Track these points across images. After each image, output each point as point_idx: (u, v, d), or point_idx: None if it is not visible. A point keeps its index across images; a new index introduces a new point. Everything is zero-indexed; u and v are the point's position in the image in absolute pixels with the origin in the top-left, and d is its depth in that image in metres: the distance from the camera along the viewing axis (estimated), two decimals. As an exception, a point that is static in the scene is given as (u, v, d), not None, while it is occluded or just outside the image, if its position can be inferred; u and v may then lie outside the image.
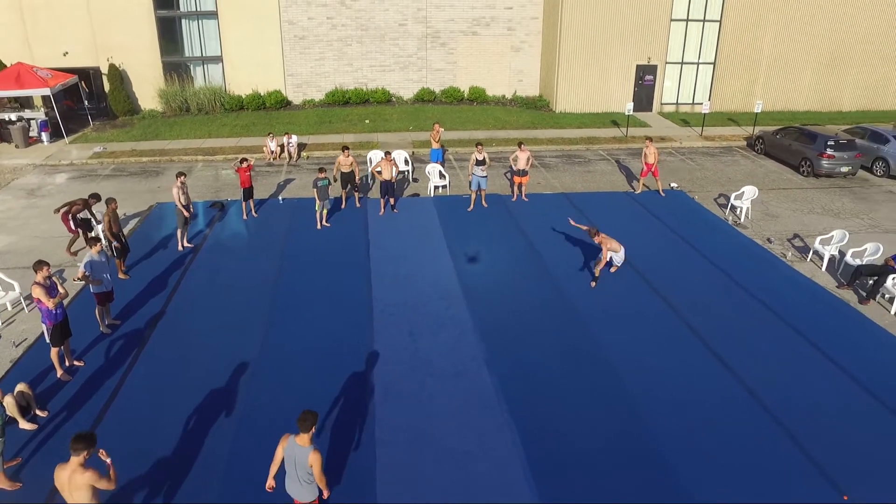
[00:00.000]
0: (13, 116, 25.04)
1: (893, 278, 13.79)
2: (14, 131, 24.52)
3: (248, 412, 9.77)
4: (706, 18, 30.65)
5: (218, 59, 29.50)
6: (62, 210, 15.09)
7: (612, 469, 8.83)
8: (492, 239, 16.27)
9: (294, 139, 22.86)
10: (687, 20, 30.51)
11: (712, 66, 31.55)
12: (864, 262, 14.78)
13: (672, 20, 30.24)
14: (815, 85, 32.76)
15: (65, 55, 28.09)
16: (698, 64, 31.50)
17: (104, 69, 28.39)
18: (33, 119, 25.38)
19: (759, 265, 15.28)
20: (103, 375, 10.67)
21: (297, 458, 6.85)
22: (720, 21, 30.68)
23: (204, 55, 29.56)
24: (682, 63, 31.32)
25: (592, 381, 10.72)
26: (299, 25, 29.40)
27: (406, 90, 31.39)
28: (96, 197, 15.27)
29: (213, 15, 28.79)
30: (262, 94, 29.46)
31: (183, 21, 29.10)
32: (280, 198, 18.81)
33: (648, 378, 10.82)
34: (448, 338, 11.84)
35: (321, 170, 16.44)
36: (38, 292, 10.05)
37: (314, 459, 6.81)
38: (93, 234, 16.09)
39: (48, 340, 10.61)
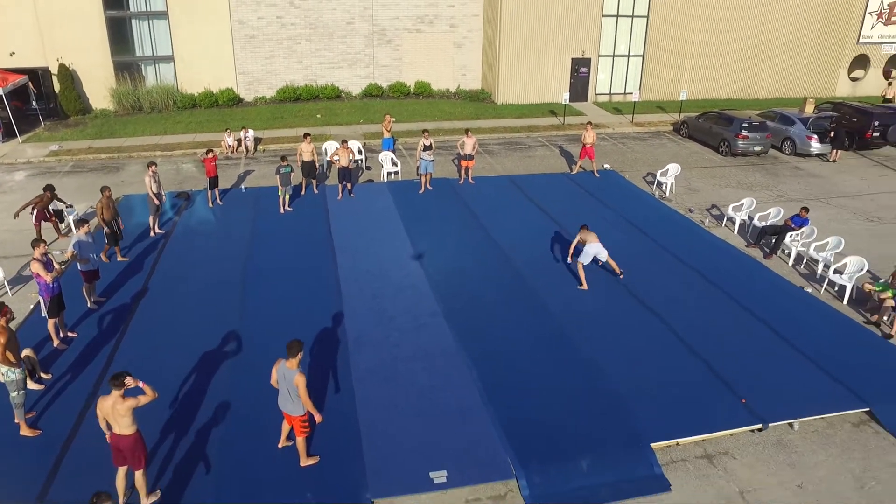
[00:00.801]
0: (-36, 118, 25.31)
1: (791, 236, 15.99)
2: (-33, 132, 24.82)
3: (237, 367, 11.08)
4: (635, 14, 32.88)
5: (169, 59, 30.16)
6: (27, 210, 15.68)
7: (558, 388, 10.53)
8: (442, 216, 17.83)
9: (251, 133, 23.95)
10: (617, 16, 32.66)
11: (641, 58, 33.83)
12: (767, 224, 16.93)
13: (604, 16, 32.35)
14: (736, 75, 35.50)
15: (11, 55, 28.28)
16: (629, 56, 33.73)
17: (54, 69, 28.68)
18: (-17, 119, 25.66)
19: (682, 231, 17.26)
20: (98, 343, 11.78)
21: (287, 377, 8.32)
22: (647, 16, 32.97)
23: (155, 55, 30.17)
24: (613, 56, 33.49)
25: (536, 325, 12.46)
26: (249, 25, 30.34)
27: (354, 86, 32.68)
28: (50, 188, 15.91)
29: (163, 15, 29.44)
30: (214, 92, 30.27)
31: (133, 21, 29.65)
32: (242, 187, 19.94)
33: (585, 320, 12.63)
34: (408, 298, 13.36)
35: (283, 158, 17.69)
36: (36, 267, 11.10)
37: (299, 380, 8.26)
38: (64, 224, 17.01)
39: (45, 313, 11.65)
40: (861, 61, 38.07)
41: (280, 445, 9.17)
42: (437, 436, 9.50)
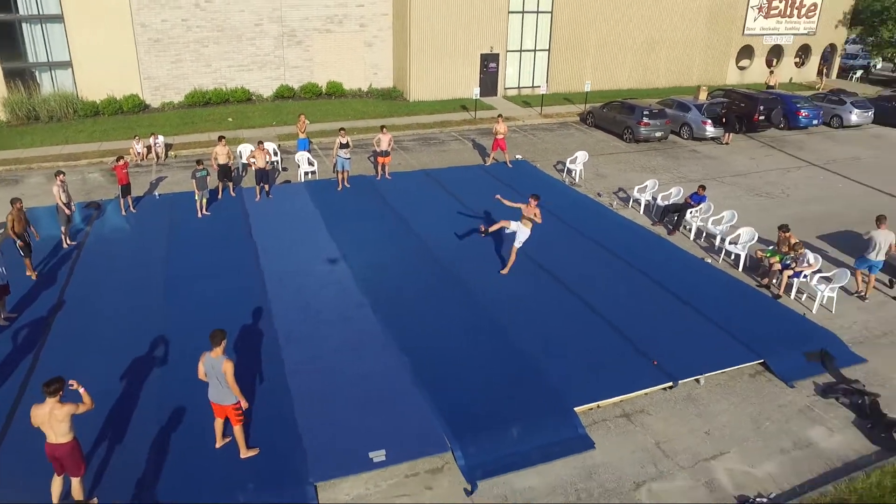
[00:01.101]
0: None
1: (690, 212, 17.21)
2: None
3: (167, 371, 11.04)
4: (539, 10, 34.07)
5: (67, 65, 28.92)
6: None
7: (484, 366, 11.09)
8: (362, 212, 18.11)
9: (160, 139, 23.40)
10: (523, 12, 33.75)
11: (547, 52, 35.09)
12: (669, 203, 18.13)
13: (510, 12, 33.35)
14: (635, 66, 37.39)
15: None
16: (535, 51, 34.91)
17: (-63, 80, 27.08)
18: None
19: (592, 214, 18.23)
20: (15, 359, 11.35)
21: (214, 367, 8.53)
22: (552, 13, 34.22)
23: (50, 60, 28.84)
24: (520, 51, 34.58)
25: (459, 310, 12.99)
26: (153, 28, 29.49)
27: (266, 88, 32.34)
28: None
29: (58, 18, 28.18)
30: (118, 98, 29.26)
31: (24, 25, 28.24)
32: (156, 194, 19.54)
33: (506, 301, 13.26)
34: (334, 293, 13.61)
35: (199, 161, 17.47)
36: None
37: (227, 367, 8.51)
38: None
39: (-46, 331, 11.20)
40: (747, 51, 40.84)
41: (218, 446, 9.25)
42: (373, 419, 9.84)
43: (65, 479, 8.17)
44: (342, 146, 19.28)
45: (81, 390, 7.85)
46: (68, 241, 15.97)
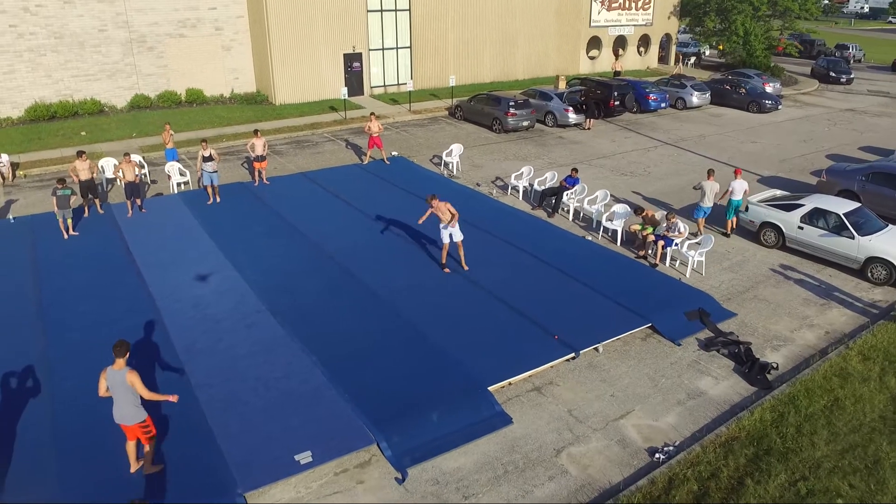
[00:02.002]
0: None
1: (567, 194, 18.19)
2: None
3: (59, 400, 10.19)
4: (397, 8, 34.37)
5: None
6: None
7: (394, 356, 11.19)
8: (245, 218, 17.56)
9: (5, 158, 21.32)
10: (381, 10, 33.91)
11: (409, 49, 35.51)
12: (546, 187, 19.06)
13: (368, 11, 33.39)
14: (494, 60, 38.72)
15: None
16: (397, 49, 35.22)
17: None
18: None
19: (474, 203, 18.76)
20: None
21: (118, 381, 8.09)
22: (409, 10, 34.64)
23: None
24: (383, 49, 34.75)
25: (360, 304, 13.05)
26: (-23, 37, 26.76)
27: (119, 98, 30.31)
28: None
29: None
30: (-57, 116, 26.35)
31: None
32: (10, 217, 17.81)
33: (403, 292, 13.44)
34: (230, 301, 13.16)
35: (61, 180, 16.00)
36: None
37: (133, 378, 8.12)
38: None
39: None
40: (595, 42, 43.51)
41: (133, 470, 8.74)
42: (293, 421, 9.68)
43: None
44: (206, 159, 18.31)
45: None
46: (-88, 277, 14.25)
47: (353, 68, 33.96)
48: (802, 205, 15.76)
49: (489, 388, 10.57)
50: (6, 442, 9.34)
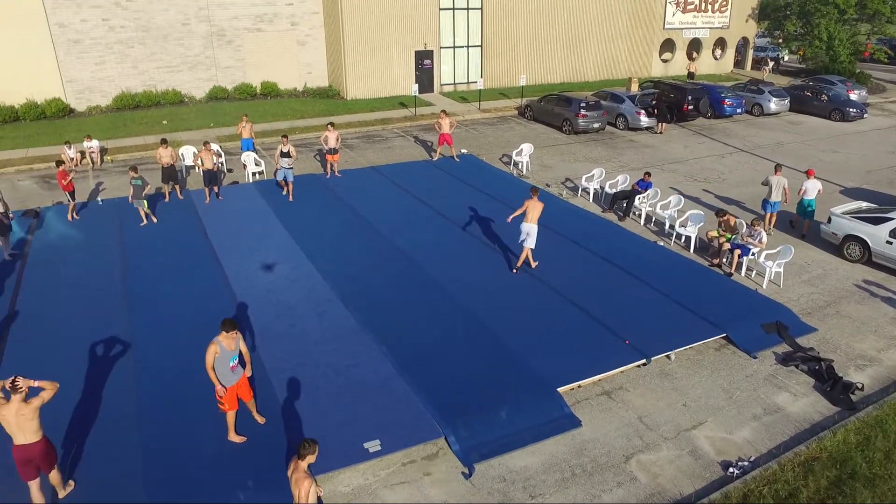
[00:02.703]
0: None
1: (639, 198, 17.86)
2: None
3: (140, 374, 10.63)
4: (469, 7, 34.42)
5: (-21, 69, 27.25)
6: None
7: (464, 353, 11.21)
8: (317, 209, 17.91)
9: (95, 143, 22.34)
10: (453, 8, 34.03)
11: (480, 48, 35.51)
12: (617, 190, 18.76)
13: (441, 9, 33.55)
14: (565, 61, 38.33)
15: None
16: (468, 47, 35.27)
17: None
18: None
19: (545, 204, 18.56)
20: (-30, 373, 10.76)
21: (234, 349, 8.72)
22: (481, 9, 34.64)
23: (-38, 65, 27.12)
24: (454, 47, 34.86)
25: (430, 299, 13.09)
26: (72, 28, 28.12)
27: (198, 89, 31.39)
28: None
29: (-34, 21, 26.51)
30: (39, 103, 27.78)
31: (-70, 29, 26.44)
32: (99, 199, 18.68)
33: (474, 290, 13.43)
34: (302, 289, 13.44)
35: (133, 169, 16.47)
36: None
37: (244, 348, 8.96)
38: None
39: None
40: (669, 45, 42.56)
41: (229, 438, 9.13)
42: (363, 409, 9.81)
43: (42, 483, 7.86)
44: (283, 154, 18.30)
45: (37, 382, 7.53)
46: (10, 252, 15.08)
47: (423, 65, 34.19)
48: (892, 218, 15.01)
49: (558, 390, 10.47)
50: (92, 410, 9.79)
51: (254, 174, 20.82)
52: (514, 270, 14.30)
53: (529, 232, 13.84)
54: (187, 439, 9.18)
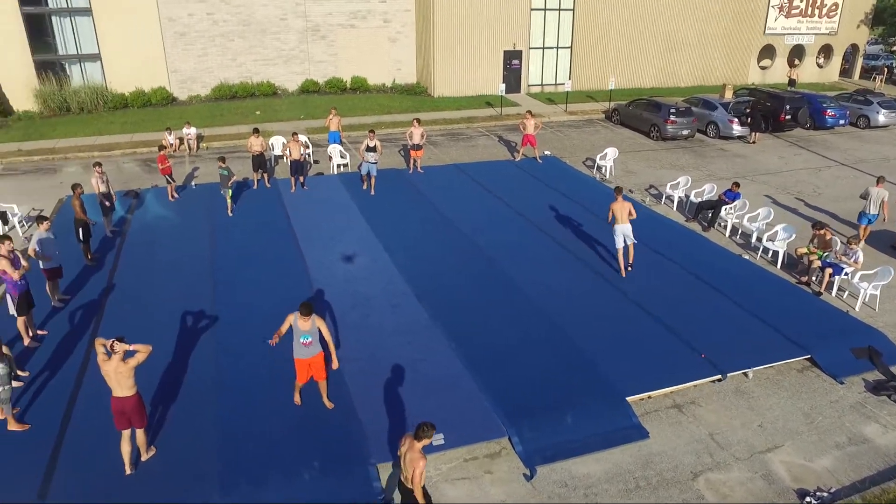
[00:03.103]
0: None
1: (725, 209, 17.25)
2: None
3: (221, 350, 11.18)
4: (561, 7, 34.12)
5: (96, 57, 29.19)
6: None
7: (535, 355, 11.18)
8: (398, 204, 18.24)
9: (193, 131, 23.57)
10: (545, 9, 33.82)
11: (570, 50, 35.12)
12: (703, 199, 18.17)
13: (532, 9, 33.41)
14: (657, 65, 37.38)
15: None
16: (558, 48, 34.97)
17: (-30, 71, 27.35)
18: None
19: (631, 203, 18.21)
20: (72, 339, 11.60)
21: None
22: (573, 10, 34.26)
23: (80, 53, 29.12)
24: (543, 48, 34.64)
25: (505, 299, 13.07)
26: (180, 22, 29.71)
27: (291, 82, 32.52)
28: None
29: (86, 12, 28.45)
30: (146, 91, 29.52)
31: (53, 18, 28.52)
32: (193, 184, 19.71)
33: (550, 292, 13.35)
34: (379, 282, 13.73)
35: (221, 159, 17.16)
36: (3, 264, 10.85)
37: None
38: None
39: (13, 312, 11.37)
40: (768, 51, 40.76)
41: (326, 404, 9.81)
42: (430, 402, 9.95)
43: (132, 440, 8.56)
44: (369, 149, 18.47)
45: (132, 346, 8.23)
46: (112, 229, 16.13)
47: (512, 66, 34.14)
48: None
49: (628, 399, 10.28)
50: (174, 383, 10.36)
51: (338, 166, 21.40)
52: (626, 271, 14.16)
53: (625, 233, 13.85)
54: (259, 419, 9.56)
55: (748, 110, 26.77)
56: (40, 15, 28.30)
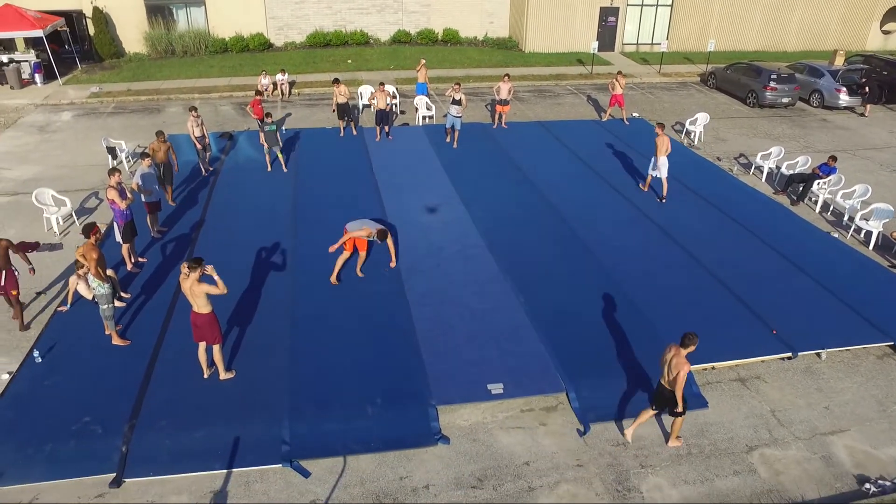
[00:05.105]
0: (5, 59, 25.77)
1: (818, 183, 16.48)
2: (8, 73, 25.32)
3: (300, 288, 11.87)
4: (664, -38, 32.57)
5: (200, 3, 30.32)
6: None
7: (599, 316, 11.31)
8: (479, 157, 18.41)
9: (286, 76, 24.34)
10: (647, -36, 32.39)
11: (670, 8, 33.62)
12: (795, 172, 17.39)
13: (633, -37, 32.08)
14: (763, 27, 35.23)
15: (47, -3, 28.55)
16: (657, 6, 33.52)
17: (88, 12, 28.99)
18: (25, 61, 26.12)
19: (710, 177, 17.75)
20: (167, 267, 12.63)
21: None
22: (677, -35, 32.65)
23: (186, -2, 30.37)
24: (642, 5, 33.30)
25: (575, 259, 13.18)
26: (280, -32, 30.36)
27: (383, 32, 32.79)
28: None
29: (194, -42, 29.51)
30: (245, 36, 30.53)
31: (163, -36, 29.76)
32: (283, 128, 20.50)
33: (622, 255, 13.35)
34: (453, 232, 14.09)
35: (267, 114, 16.71)
36: (112, 194, 11.84)
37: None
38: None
39: (119, 239, 12.43)
40: (894, 14, 37.56)
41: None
42: (492, 352, 10.31)
43: (208, 353, 9.47)
44: (454, 102, 18.56)
45: (215, 276, 8.98)
46: (207, 168, 17.10)
47: (607, 23, 33.09)
48: None
49: (690, 368, 10.25)
50: (252, 315, 11.14)
51: (424, 118, 21.67)
52: (661, 200, 15.99)
53: (660, 165, 15.72)
54: (330, 353, 10.20)
55: (863, 80, 25.02)
56: (151, -41, 29.54)
